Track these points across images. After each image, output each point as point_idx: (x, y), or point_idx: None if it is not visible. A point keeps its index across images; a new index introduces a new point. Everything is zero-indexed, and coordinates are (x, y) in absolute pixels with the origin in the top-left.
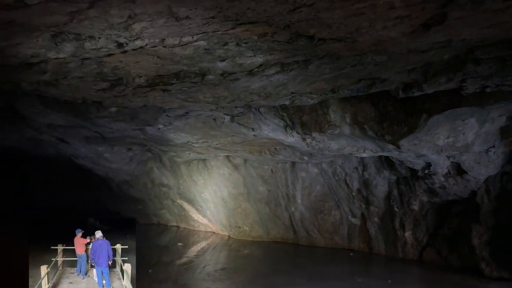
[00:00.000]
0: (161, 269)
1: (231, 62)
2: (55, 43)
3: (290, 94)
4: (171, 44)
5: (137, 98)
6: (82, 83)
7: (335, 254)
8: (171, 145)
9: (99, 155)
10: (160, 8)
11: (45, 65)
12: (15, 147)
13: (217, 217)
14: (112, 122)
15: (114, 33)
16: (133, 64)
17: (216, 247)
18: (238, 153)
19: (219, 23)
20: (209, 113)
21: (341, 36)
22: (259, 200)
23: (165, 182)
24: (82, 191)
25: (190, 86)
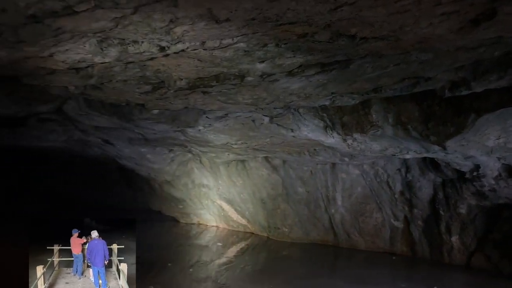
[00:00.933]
0: (201, 269)
1: (270, 63)
2: (101, 48)
3: (331, 94)
4: (211, 46)
5: (178, 101)
6: (126, 86)
7: (376, 258)
8: (210, 146)
9: (142, 156)
10: (201, 11)
11: (91, 69)
12: (64, 148)
13: (256, 218)
14: (154, 124)
15: (157, 37)
16: (175, 67)
17: (255, 248)
18: (277, 154)
19: (258, 24)
20: (248, 114)
21: (384, 35)
22: (298, 202)
23: (205, 182)
24: (125, 190)
25: (229, 88)
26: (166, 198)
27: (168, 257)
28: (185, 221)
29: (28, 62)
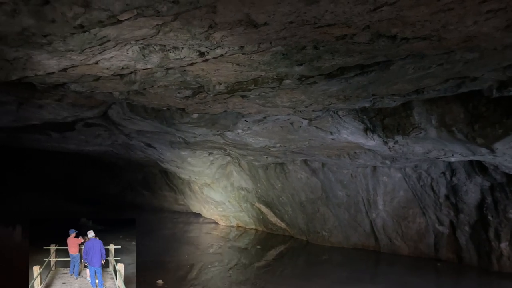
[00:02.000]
0: (240, 271)
1: (308, 65)
2: (143, 55)
3: (371, 96)
4: (250, 51)
5: (217, 105)
6: (167, 91)
7: (420, 264)
8: (249, 149)
9: (182, 159)
10: (239, 16)
11: (134, 75)
12: (109, 152)
13: (295, 222)
14: (194, 128)
15: (196, 42)
16: (214, 72)
17: (295, 251)
18: (316, 157)
19: (296, 27)
20: (287, 117)
21: (426, 34)
22: (338, 205)
23: (244, 185)
24: (167, 193)
25: (268, 91)
26: (206, 201)
27: (208, 259)
28: (224, 224)
29: (76, 70)
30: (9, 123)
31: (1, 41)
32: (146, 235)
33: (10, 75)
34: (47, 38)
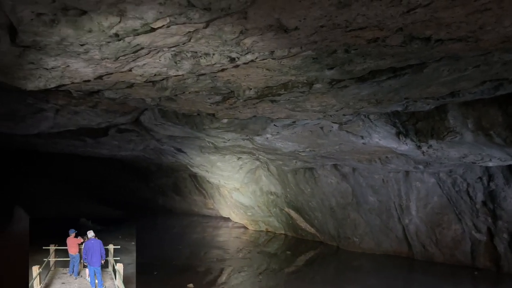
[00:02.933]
0: (270, 276)
1: (339, 69)
2: (175, 62)
3: (403, 99)
4: (280, 55)
5: (247, 110)
6: (198, 97)
7: (456, 272)
8: (278, 154)
9: (212, 164)
10: (270, 22)
11: (166, 82)
12: (141, 156)
13: (325, 227)
14: (224, 133)
15: (227, 48)
16: (244, 77)
17: (325, 257)
18: (346, 162)
19: (327, 31)
20: (316, 121)
21: (462, 36)
22: (369, 211)
23: (273, 190)
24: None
25: (297, 95)
26: (235, 205)
27: (237, 263)
28: (253, 228)
29: (111, 77)
30: (46, 129)
31: (41, 50)
32: (176, 239)
33: (49, 83)
34: (84, 47)
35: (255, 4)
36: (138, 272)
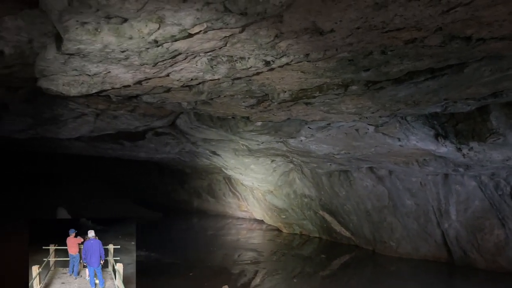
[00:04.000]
0: (304, 280)
1: (375, 71)
2: (211, 66)
3: (442, 100)
4: (315, 58)
5: (281, 112)
6: (233, 100)
7: (499, 279)
8: (312, 157)
9: (246, 166)
10: (305, 25)
11: (202, 86)
12: (177, 159)
13: (360, 231)
14: (258, 135)
15: (262, 52)
16: (278, 80)
17: (360, 261)
18: (383, 164)
19: (363, 33)
20: (352, 124)
21: (505, 34)
22: (406, 215)
23: (307, 193)
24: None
25: (332, 98)
26: (269, 208)
27: (272, 266)
28: (287, 231)
29: (149, 82)
30: (87, 133)
31: (84, 57)
32: (211, 240)
33: (91, 88)
34: (124, 54)
35: (291, 7)
36: (172, 272)
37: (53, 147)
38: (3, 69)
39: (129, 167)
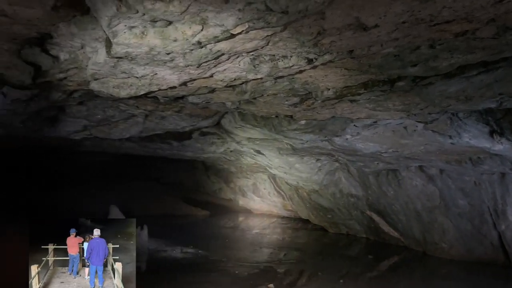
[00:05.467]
0: (351, 280)
1: (423, 66)
2: (253, 66)
3: (497, 95)
4: (359, 54)
5: (325, 110)
6: (276, 99)
7: None
8: (358, 155)
9: (290, 166)
10: (348, 20)
11: (245, 86)
12: (222, 158)
13: (409, 231)
14: (302, 134)
15: (305, 50)
16: (322, 78)
17: (410, 263)
18: (433, 163)
19: (410, 27)
20: (399, 121)
21: None
22: (459, 215)
23: (353, 192)
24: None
25: (378, 94)
26: (314, 207)
27: (318, 266)
28: (333, 231)
29: (194, 83)
30: (137, 133)
31: (132, 60)
32: (256, 239)
33: (139, 90)
34: (170, 56)
35: (333, 4)
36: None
37: (105, 147)
38: (59, 73)
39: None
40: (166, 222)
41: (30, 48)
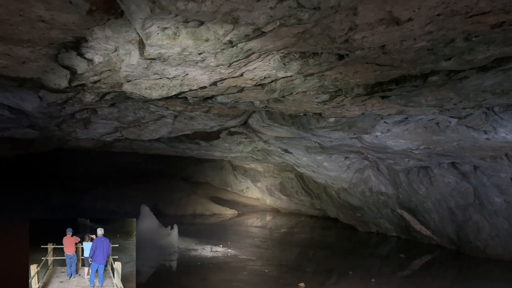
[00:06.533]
0: (383, 280)
1: (458, 59)
2: (283, 64)
3: None
4: (391, 49)
5: (355, 107)
6: (305, 97)
7: None
8: (389, 153)
9: (318, 164)
10: (381, 15)
11: (274, 84)
12: (249, 158)
13: (442, 230)
14: (330, 132)
15: (335, 46)
16: (352, 74)
17: (443, 262)
18: (466, 159)
19: (444, 19)
20: (431, 117)
21: None
22: (495, 213)
23: (383, 190)
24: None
25: (410, 90)
26: (344, 206)
27: (348, 265)
28: (363, 230)
29: (223, 82)
30: (166, 134)
31: (165, 61)
32: (285, 238)
33: (171, 91)
34: (201, 56)
35: None
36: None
37: (135, 148)
38: (93, 76)
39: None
40: (195, 221)
41: (67, 52)
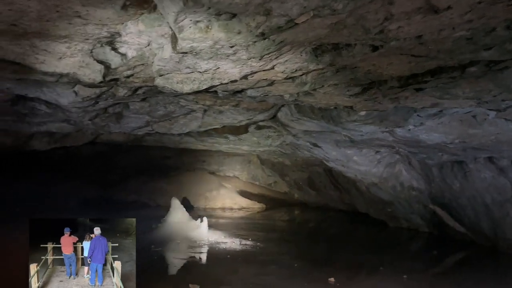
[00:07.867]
0: (414, 276)
1: (499, 49)
2: (315, 56)
3: None
4: (428, 39)
5: (387, 100)
6: (336, 90)
7: None
8: (421, 147)
9: (348, 158)
10: (418, 4)
11: (305, 77)
12: (278, 152)
13: (477, 226)
14: (361, 126)
15: (370, 37)
16: (386, 66)
17: (479, 259)
18: (504, 154)
19: (486, 7)
20: (468, 109)
21: None
22: None
23: (415, 185)
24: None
25: (446, 82)
26: (374, 200)
27: (379, 260)
28: (394, 225)
29: (254, 76)
30: (196, 128)
31: (197, 55)
32: (313, 233)
33: (202, 85)
34: (233, 49)
35: None
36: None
37: (165, 142)
38: (126, 70)
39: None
40: (224, 214)
41: (101, 47)
